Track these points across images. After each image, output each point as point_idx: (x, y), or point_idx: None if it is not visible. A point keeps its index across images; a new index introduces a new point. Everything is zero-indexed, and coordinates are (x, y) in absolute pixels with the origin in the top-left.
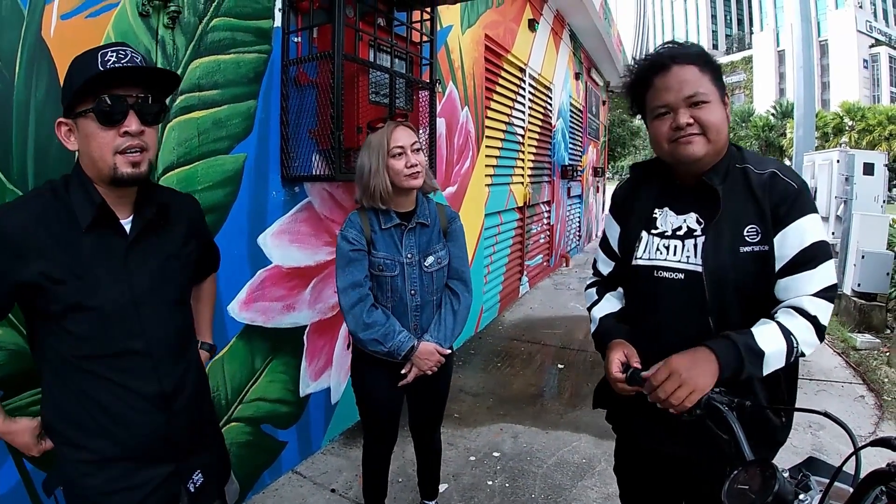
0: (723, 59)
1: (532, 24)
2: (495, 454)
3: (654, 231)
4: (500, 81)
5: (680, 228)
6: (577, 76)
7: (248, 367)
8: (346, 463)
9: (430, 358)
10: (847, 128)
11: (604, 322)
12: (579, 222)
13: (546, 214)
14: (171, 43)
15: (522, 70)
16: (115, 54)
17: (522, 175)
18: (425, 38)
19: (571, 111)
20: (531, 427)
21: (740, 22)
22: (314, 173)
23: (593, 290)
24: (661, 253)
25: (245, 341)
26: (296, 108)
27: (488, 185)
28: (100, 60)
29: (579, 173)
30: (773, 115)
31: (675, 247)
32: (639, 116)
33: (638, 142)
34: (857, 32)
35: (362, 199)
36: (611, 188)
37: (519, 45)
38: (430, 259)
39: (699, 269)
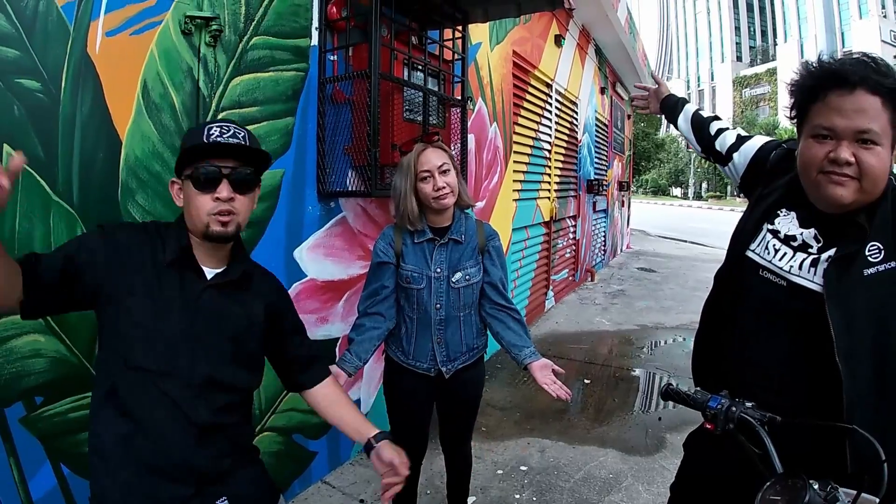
0: (746, 72)
1: (558, 40)
2: (522, 468)
3: (769, 227)
4: (528, 97)
5: (794, 238)
6: (602, 91)
7: None
8: (374, 474)
9: (546, 370)
10: None
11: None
12: (605, 236)
13: (572, 229)
14: (212, 60)
15: (549, 85)
16: (219, 129)
17: (549, 190)
18: (457, 56)
19: (597, 125)
20: (558, 441)
21: (764, 34)
22: (349, 189)
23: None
24: (769, 253)
25: None
26: (332, 124)
27: (515, 200)
28: (205, 134)
29: (605, 188)
30: None
31: (786, 254)
32: (664, 129)
33: (662, 155)
34: (882, 42)
35: (396, 218)
36: (636, 201)
37: (546, 61)
38: (458, 275)
39: (804, 283)
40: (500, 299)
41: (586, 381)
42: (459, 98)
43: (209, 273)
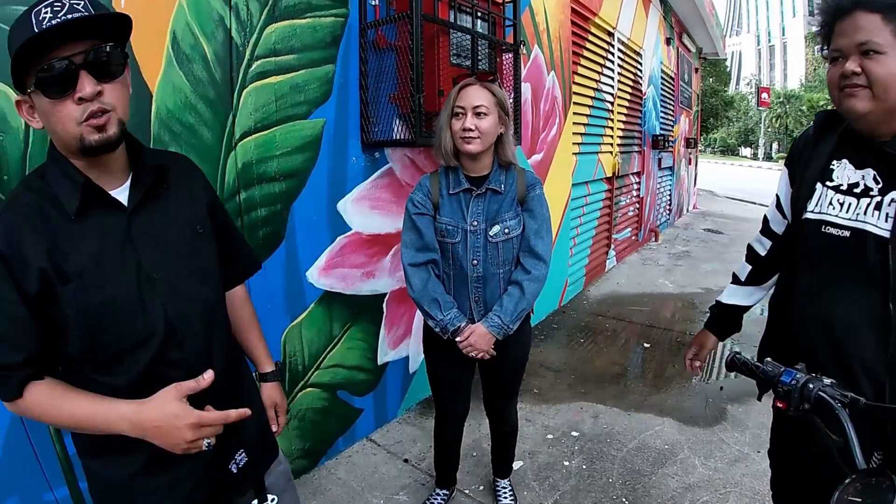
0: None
1: None
2: (574, 433)
3: (829, 184)
4: (588, 46)
5: (856, 185)
6: (668, 41)
7: (326, 334)
8: (420, 433)
9: (479, 343)
10: None
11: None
12: (670, 195)
13: (636, 186)
14: (244, 8)
15: (611, 34)
16: (49, 9)
17: (611, 144)
18: None
19: (662, 78)
20: (612, 407)
21: None
22: (395, 138)
23: (746, 266)
24: (833, 208)
25: (324, 308)
26: (375, 71)
27: (576, 154)
28: (34, 21)
29: (671, 144)
30: None
31: (850, 204)
32: (733, 85)
33: (731, 113)
34: None
35: (436, 153)
36: (703, 160)
37: (606, 8)
38: (496, 228)
39: (867, 227)
40: (525, 257)
41: (646, 344)
42: (512, 43)
43: (121, 197)
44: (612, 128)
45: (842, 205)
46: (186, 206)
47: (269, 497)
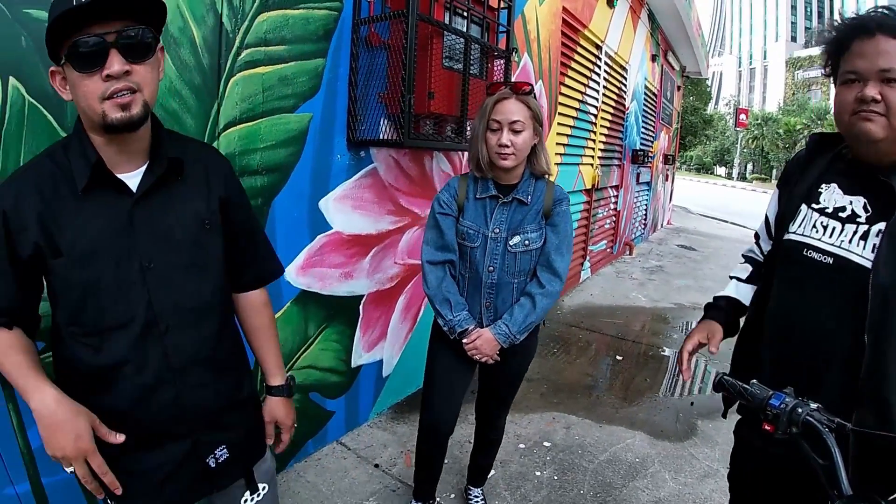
0: (800, 53)
1: (611, 1)
2: (546, 444)
3: (814, 206)
4: (576, 57)
5: (843, 209)
6: (653, 58)
7: (301, 334)
8: (391, 438)
9: (484, 347)
10: None
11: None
12: (646, 210)
13: (613, 199)
14: None
15: (599, 47)
16: None
17: (592, 156)
18: (503, 4)
19: (646, 94)
20: (584, 419)
21: (821, 14)
22: (381, 138)
23: (746, 266)
24: (816, 231)
25: (300, 307)
26: (365, 69)
27: (558, 164)
28: None
29: (650, 159)
30: None
31: (834, 228)
32: (713, 105)
33: (710, 132)
34: None
35: (470, 163)
36: (679, 177)
37: (596, 21)
38: (517, 239)
39: (851, 257)
40: (542, 271)
41: (618, 357)
42: (504, 49)
43: (131, 181)
44: (594, 140)
45: (825, 228)
46: (198, 199)
47: (260, 486)
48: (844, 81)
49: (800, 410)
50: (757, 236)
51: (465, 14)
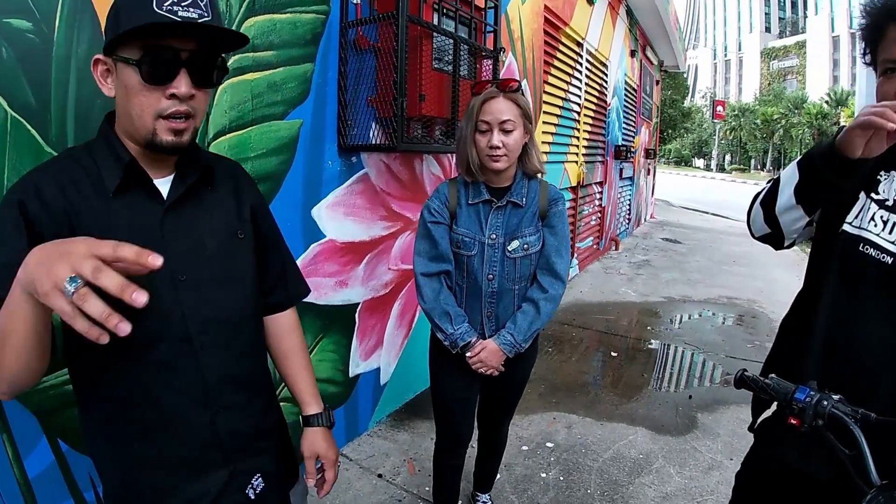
0: (775, 43)
1: None
2: (549, 444)
3: (874, 196)
4: (558, 55)
5: None
6: (632, 54)
7: None
8: (393, 447)
9: (489, 360)
10: None
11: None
12: (629, 205)
13: (598, 195)
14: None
15: (580, 44)
16: None
17: (577, 154)
18: (489, 4)
19: (626, 90)
20: (585, 417)
21: (794, 5)
22: (372, 143)
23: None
24: (875, 225)
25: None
26: (354, 73)
27: (544, 163)
28: (156, 1)
29: (632, 154)
30: (826, 102)
31: (895, 223)
32: (690, 98)
33: (688, 124)
34: None
35: (459, 167)
36: (658, 171)
37: (577, 19)
38: (516, 243)
39: None
40: (543, 275)
41: (612, 353)
42: (492, 49)
43: (162, 188)
44: (578, 137)
45: (885, 223)
46: (229, 209)
47: None
48: (884, 72)
49: (825, 403)
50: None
51: (454, 15)
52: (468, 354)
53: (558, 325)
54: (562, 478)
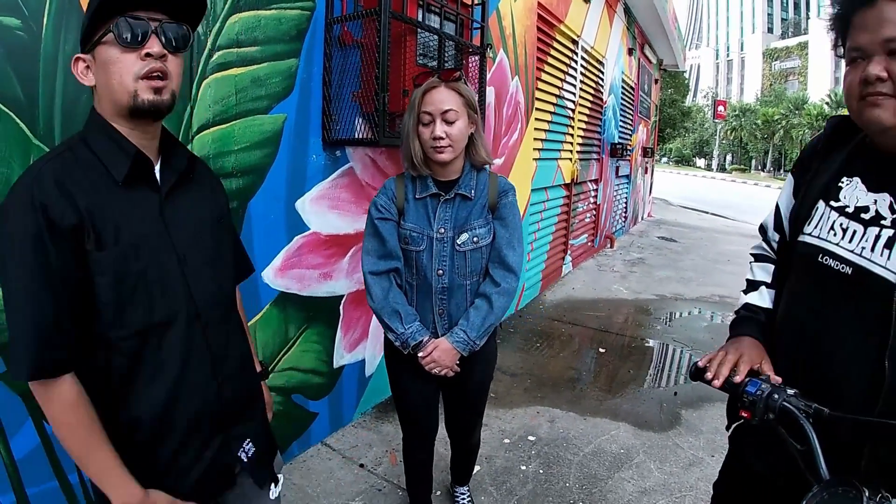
0: (777, 44)
1: None
2: (530, 438)
3: (833, 204)
4: (552, 52)
5: (866, 210)
6: (630, 52)
7: (282, 336)
8: (376, 438)
9: (442, 359)
10: None
11: (742, 310)
12: (626, 203)
13: (593, 193)
14: None
15: (575, 42)
16: None
17: (571, 151)
18: (477, 1)
19: (623, 88)
20: (568, 412)
21: (797, 6)
22: (357, 137)
23: (765, 265)
24: (834, 234)
25: (279, 309)
26: (339, 68)
27: (536, 160)
28: None
29: (629, 152)
30: (827, 104)
31: (855, 232)
32: (691, 97)
33: (688, 124)
34: None
35: (403, 162)
36: (658, 170)
37: (572, 16)
38: (465, 236)
39: (873, 269)
40: (495, 268)
41: (601, 349)
42: (479, 45)
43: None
44: (572, 135)
45: (845, 231)
46: (210, 196)
47: (280, 476)
48: (850, 61)
49: (776, 396)
50: (763, 230)
51: (439, 11)
52: (420, 354)
53: (548, 320)
54: (541, 471)
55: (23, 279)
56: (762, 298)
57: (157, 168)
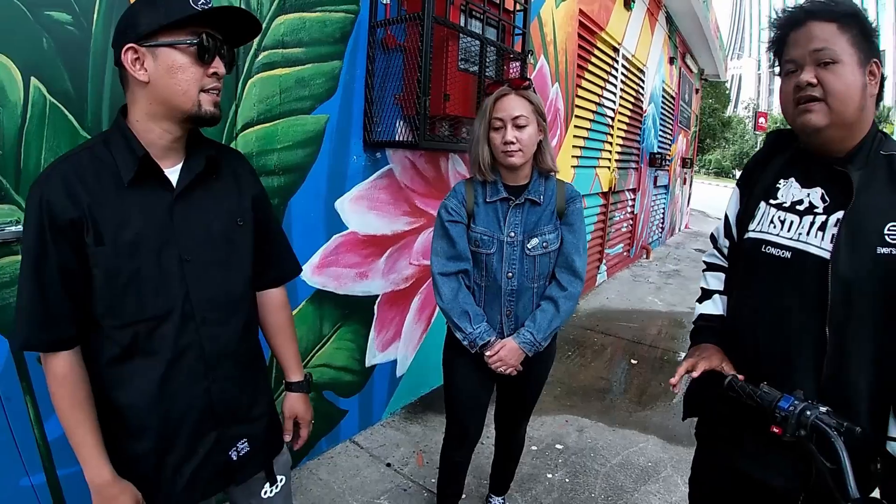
0: None
1: (628, 3)
2: (558, 446)
3: (772, 202)
4: (593, 60)
5: (801, 202)
6: (671, 61)
7: (316, 332)
8: (404, 438)
9: (509, 358)
10: None
11: (699, 321)
12: (663, 213)
13: (630, 202)
14: None
15: (616, 50)
16: None
17: (609, 159)
18: (519, 7)
19: (663, 97)
20: (598, 422)
21: None
22: (397, 139)
23: (717, 275)
24: (774, 226)
25: (315, 306)
26: (382, 71)
27: (574, 167)
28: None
29: (667, 162)
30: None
31: (792, 222)
32: (731, 108)
33: (729, 134)
34: None
35: (471, 167)
36: (697, 181)
37: (613, 24)
38: (535, 241)
39: (809, 249)
40: (562, 273)
41: (633, 361)
42: (520, 51)
43: (171, 175)
44: (611, 143)
45: (783, 223)
46: (231, 197)
47: (278, 478)
48: (785, 74)
49: (808, 413)
50: (714, 239)
51: (481, 16)
52: (487, 353)
53: (581, 329)
54: (567, 480)
55: (27, 266)
56: (716, 307)
57: (179, 167)
